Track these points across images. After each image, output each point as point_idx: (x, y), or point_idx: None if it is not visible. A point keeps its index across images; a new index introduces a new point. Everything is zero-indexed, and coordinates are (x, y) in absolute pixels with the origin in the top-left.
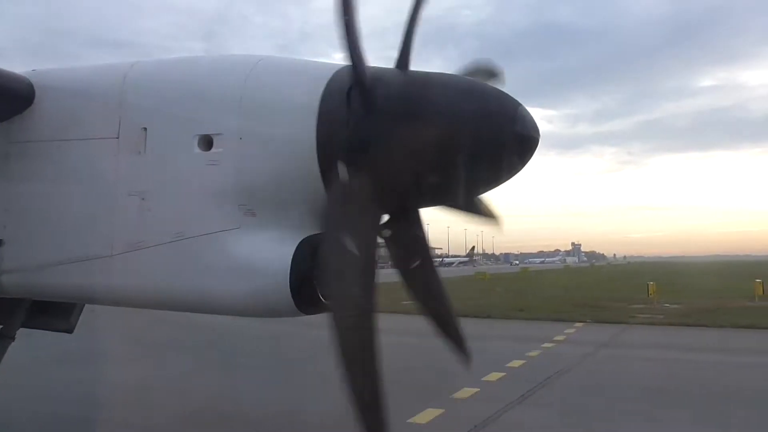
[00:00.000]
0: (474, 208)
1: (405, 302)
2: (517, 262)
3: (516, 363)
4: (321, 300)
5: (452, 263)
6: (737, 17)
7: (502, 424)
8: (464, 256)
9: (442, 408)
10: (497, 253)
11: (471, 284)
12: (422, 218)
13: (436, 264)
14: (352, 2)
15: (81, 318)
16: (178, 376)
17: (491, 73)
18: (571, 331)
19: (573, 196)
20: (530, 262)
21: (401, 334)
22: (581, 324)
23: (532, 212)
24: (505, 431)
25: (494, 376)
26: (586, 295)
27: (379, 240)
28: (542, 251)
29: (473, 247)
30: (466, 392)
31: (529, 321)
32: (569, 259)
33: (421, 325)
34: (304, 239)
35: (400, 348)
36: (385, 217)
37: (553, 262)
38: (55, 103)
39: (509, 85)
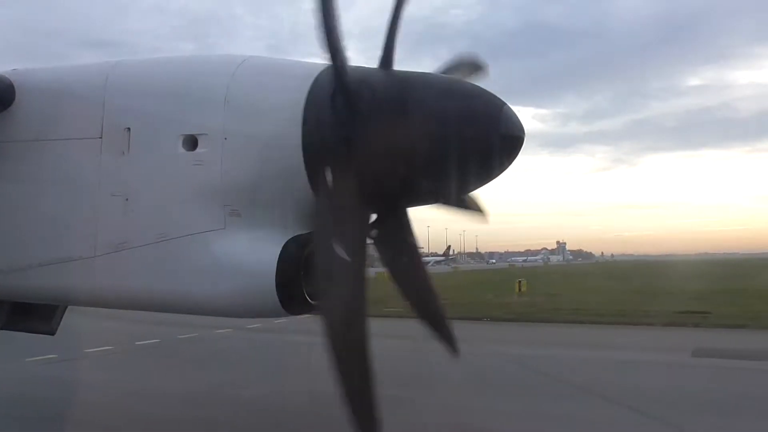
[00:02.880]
0: (461, 203)
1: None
2: (494, 260)
3: (186, 335)
4: (307, 300)
5: (429, 262)
6: (724, 17)
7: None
8: (441, 255)
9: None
10: (483, 251)
11: None
12: (410, 218)
13: (424, 263)
14: (332, 5)
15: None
16: None
17: (476, 67)
18: (283, 321)
19: (565, 195)
20: (513, 261)
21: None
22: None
23: (524, 211)
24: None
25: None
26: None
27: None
28: (529, 250)
29: (449, 246)
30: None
31: None
32: (553, 258)
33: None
34: (290, 239)
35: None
36: (372, 217)
37: (535, 260)
38: (37, 102)
39: (502, 84)
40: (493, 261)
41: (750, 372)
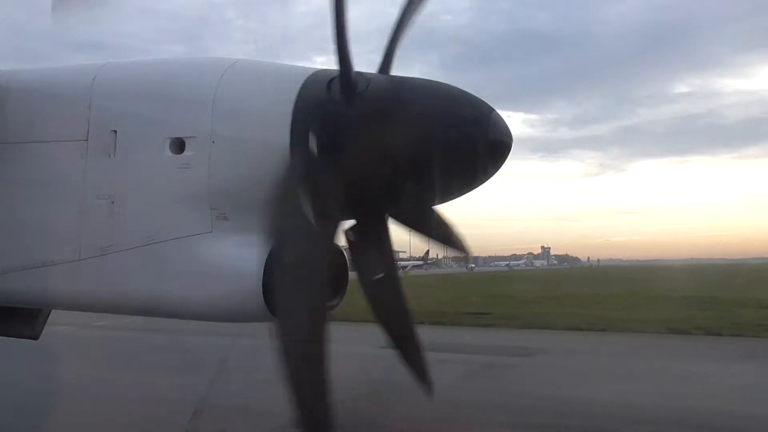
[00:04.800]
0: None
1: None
2: (473, 265)
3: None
4: None
5: (407, 266)
6: (712, 26)
7: None
8: (419, 259)
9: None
10: (473, 255)
11: None
12: (390, 229)
13: (399, 274)
14: (343, 9)
15: None
16: None
17: None
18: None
19: (555, 200)
20: (495, 265)
21: None
22: None
23: (514, 215)
24: None
25: None
26: None
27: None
28: (515, 254)
29: (428, 251)
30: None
31: None
32: (537, 263)
33: None
34: None
35: None
36: (351, 222)
37: (518, 265)
38: (21, 104)
39: (492, 90)
40: (473, 265)
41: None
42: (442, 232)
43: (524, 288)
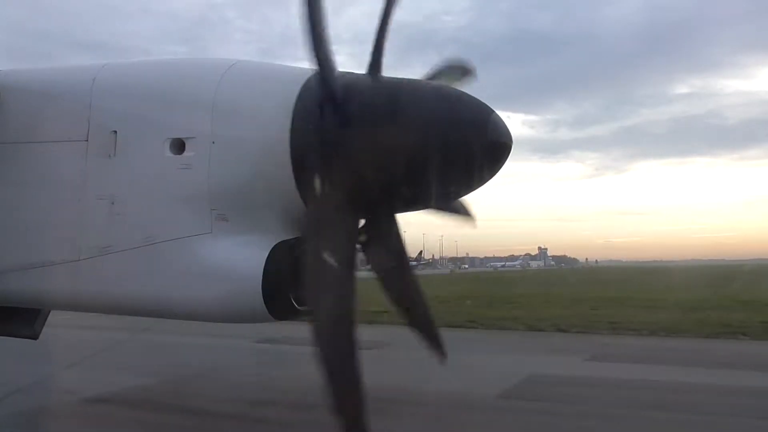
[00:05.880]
0: (449, 207)
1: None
2: (466, 266)
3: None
4: (294, 306)
5: None
6: (712, 27)
7: None
8: (413, 260)
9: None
10: (472, 256)
11: None
12: (399, 224)
13: (412, 267)
14: (319, 12)
15: None
16: None
17: (464, 71)
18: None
19: (555, 201)
20: (491, 266)
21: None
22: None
23: (514, 216)
24: None
25: None
26: None
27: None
28: (512, 255)
29: (421, 252)
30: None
31: None
32: (534, 263)
33: None
34: (276, 244)
35: None
36: (361, 223)
37: (513, 266)
38: (21, 104)
39: (492, 90)
40: (465, 266)
41: (269, 353)
42: (423, 324)
43: (463, 288)
